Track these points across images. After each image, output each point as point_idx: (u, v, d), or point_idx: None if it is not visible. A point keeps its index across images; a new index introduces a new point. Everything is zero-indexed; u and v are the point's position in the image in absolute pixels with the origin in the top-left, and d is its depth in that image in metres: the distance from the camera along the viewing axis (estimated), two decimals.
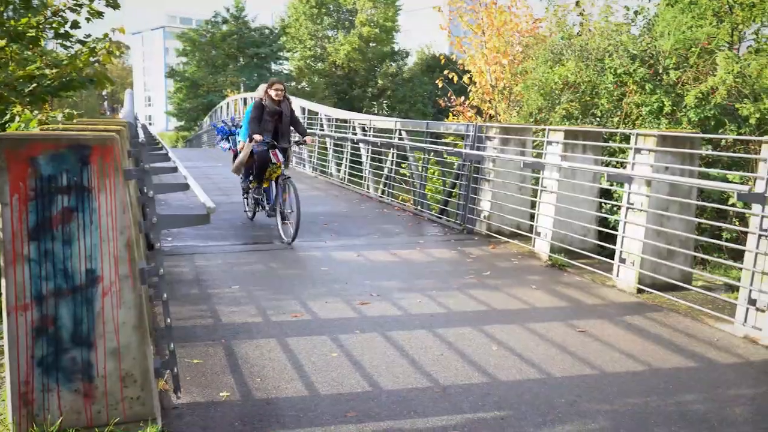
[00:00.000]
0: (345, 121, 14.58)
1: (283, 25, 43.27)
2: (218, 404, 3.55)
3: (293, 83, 42.13)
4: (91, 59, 6.39)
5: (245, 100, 24.63)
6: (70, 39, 6.72)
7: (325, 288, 5.88)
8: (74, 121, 6.07)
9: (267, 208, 8.14)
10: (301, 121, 8.27)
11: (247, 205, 9.06)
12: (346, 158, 13.41)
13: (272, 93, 7.72)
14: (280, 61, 44.53)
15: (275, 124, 7.75)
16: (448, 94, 17.80)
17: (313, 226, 8.61)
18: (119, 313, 3.11)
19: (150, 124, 72.23)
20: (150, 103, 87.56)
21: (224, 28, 42.63)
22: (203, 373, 3.95)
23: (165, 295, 3.39)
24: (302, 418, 3.40)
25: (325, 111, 15.86)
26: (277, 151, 7.66)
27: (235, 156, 9.35)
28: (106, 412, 3.11)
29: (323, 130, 15.10)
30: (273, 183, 7.98)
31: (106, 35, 6.55)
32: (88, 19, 6.78)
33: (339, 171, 14.14)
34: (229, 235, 8.07)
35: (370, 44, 41.02)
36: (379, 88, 40.30)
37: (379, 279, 6.20)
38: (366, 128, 12.76)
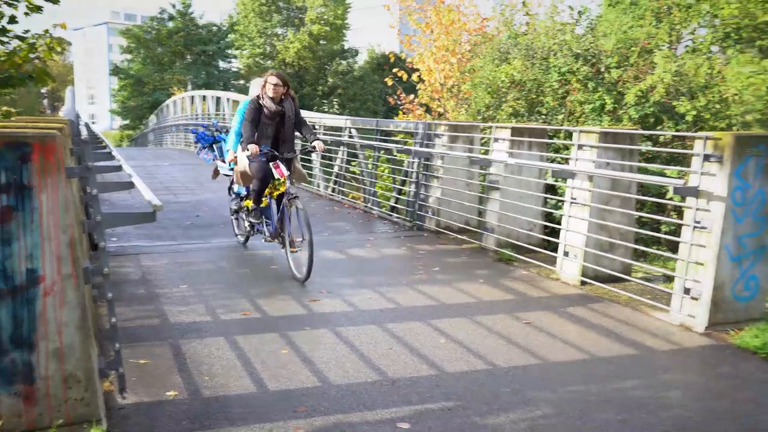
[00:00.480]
0: None
1: (231, 23, 42.67)
2: (165, 403, 3.52)
3: (242, 81, 41.59)
4: (31, 55, 6.22)
5: (192, 98, 24.23)
6: (8, 35, 6.51)
7: (275, 286, 5.86)
8: (13, 119, 5.90)
9: (267, 233, 6.49)
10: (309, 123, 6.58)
11: (237, 227, 7.47)
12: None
13: (269, 90, 6.05)
14: (229, 59, 43.92)
15: (276, 129, 6.13)
16: (398, 92, 17.91)
17: None
18: (62, 313, 3.05)
19: (93, 122, 70.26)
20: (93, 101, 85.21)
21: (170, 24, 41.75)
22: (150, 373, 3.91)
23: (110, 295, 3.34)
24: (251, 415, 3.40)
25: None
26: (279, 162, 6.05)
27: (218, 169, 7.68)
28: (49, 415, 3.05)
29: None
30: (273, 202, 6.37)
31: (46, 31, 6.39)
32: (26, 14, 6.59)
33: None
34: (177, 234, 7.96)
35: (320, 42, 40.84)
36: (329, 87, 40.16)
37: (330, 276, 6.22)
38: (316, 126, 12.74)
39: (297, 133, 6.43)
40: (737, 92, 9.39)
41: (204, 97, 22.82)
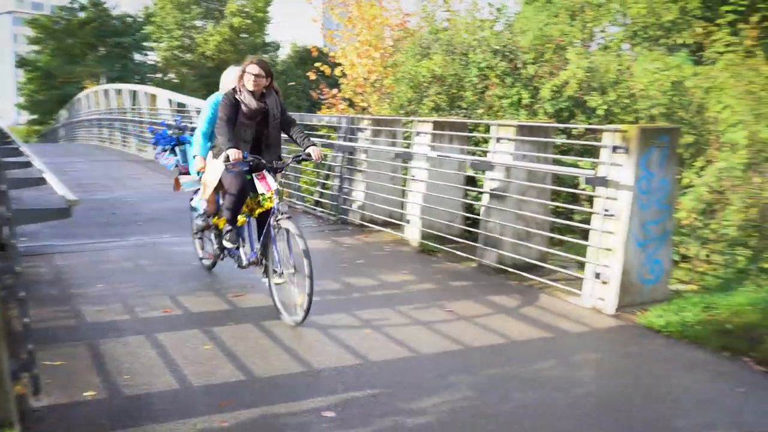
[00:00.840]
0: None
1: (147, 14, 41.27)
2: (83, 404, 3.42)
3: (159, 75, 40.37)
4: None
5: (106, 91, 23.30)
6: None
7: (197, 282, 5.77)
8: None
9: (245, 260, 5.27)
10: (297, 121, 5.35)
11: (202, 248, 6.19)
12: None
13: (248, 82, 4.87)
14: (145, 52, 42.48)
15: (257, 131, 4.97)
16: (320, 87, 17.85)
17: (183, 221, 8.37)
18: None
19: None
20: None
21: (81, 15, 39.97)
22: (66, 374, 3.78)
23: (22, 294, 3.22)
24: (175, 411, 3.36)
25: (195, 103, 15.42)
26: (266, 173, 4.87)
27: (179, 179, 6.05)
28: None
29: (192, 123, 14.71)
30: (253, 221, 5.27)
31: None
32: None
33: None
34: (92, 232, 7.68)
35: (242, 35, 40.12)
36: None
37: (253, 271, 6.14)
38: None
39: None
40: (644, 88, 9.88)
41: (119, 91, 22.00)
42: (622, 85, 9.85)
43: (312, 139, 5.41)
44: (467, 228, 7.47)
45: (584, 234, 5.98)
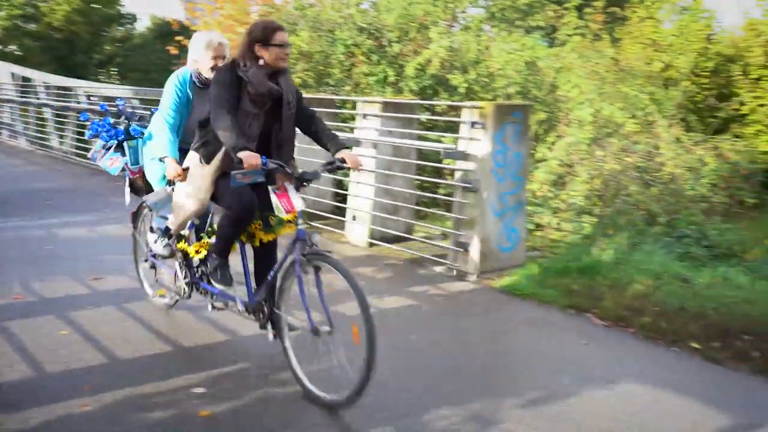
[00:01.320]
0: (68, 89, 13.40)
1: None
2: None
3: (0, 46, 36.83)
4: None
5: None
6: None
7: (51, 267, 5.42)
8: None
9: (240, 306, 3.64)
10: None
11: (152, 281, 4.53)
12: (72, 130, 12.30)
13: (270, 54, 3.38)
14: None
15: (266, 123, 3.48)
16: (182, 62, 17.16)
17: (32, 204, 7.83)
18: None
19: None
20: None
21: None
22: None
23: None
24: (30, 399, 3.17)
25: (42, 77, 14.32)
26: (287, 186, 3.42)
27: (135, 187, 4.50)
28: None
29: (39, 98, 13.70)
30: (249, 249, 3.79)
31: None
32: None
33: (62, 144, 12.95)
34: None
35: (93, 5, 37.43)
36: (106, 55, 37.11)
37: (114, 253, 5.86)
38: (90, 97, 11.87)
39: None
40: (501, 67, 10.40)
41: None
42: (481, 64, 10.30)
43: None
44: (337, 204, 7.56)
45: (448, 206, 6.26)
